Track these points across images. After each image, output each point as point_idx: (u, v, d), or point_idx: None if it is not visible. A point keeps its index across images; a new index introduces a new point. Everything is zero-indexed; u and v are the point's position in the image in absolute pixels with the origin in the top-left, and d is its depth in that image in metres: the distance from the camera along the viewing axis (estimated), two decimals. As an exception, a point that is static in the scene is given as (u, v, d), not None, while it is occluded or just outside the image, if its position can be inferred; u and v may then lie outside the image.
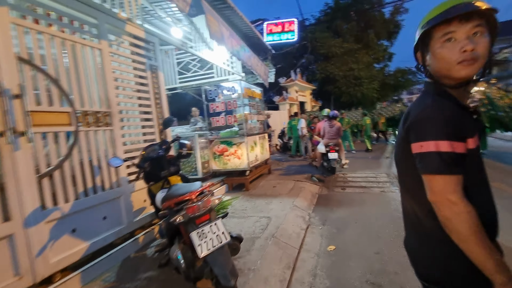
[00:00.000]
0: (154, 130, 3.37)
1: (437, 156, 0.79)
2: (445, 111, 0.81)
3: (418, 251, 0.96)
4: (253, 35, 6.24)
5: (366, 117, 10.90)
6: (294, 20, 10.30)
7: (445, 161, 0.78)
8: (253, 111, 6.04)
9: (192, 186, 2.03)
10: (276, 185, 5.50)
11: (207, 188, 2.01)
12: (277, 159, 9.50)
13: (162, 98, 3.53)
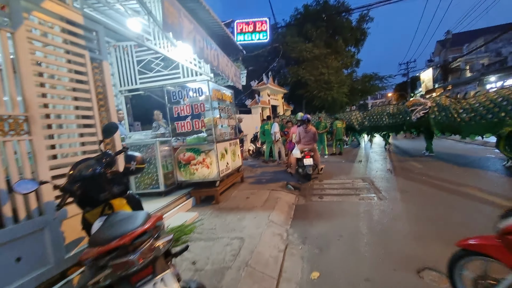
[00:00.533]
0: (97, 139, 2.71)
1: None
2: None
3: None
4: (222, 33, 5.76)
5: (337, 121, 10.92)
6: (266, 19, 9.99)
7: None
8: (224, 115, 5.53)
9: (133, 221, 1.46)
10: (250, 195, 5.02)
11: (151, 225, 1.44)
12: (250, 165, 9.05)
13: (108, 99, 2.89)
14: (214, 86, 5.12)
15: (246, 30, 10.01)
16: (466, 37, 24.01)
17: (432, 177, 5.77)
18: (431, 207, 3.96)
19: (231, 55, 7.25)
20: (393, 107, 10.00)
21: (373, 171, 6.89)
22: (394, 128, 9.92)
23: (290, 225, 3.71)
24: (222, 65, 4.95)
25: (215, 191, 4.66)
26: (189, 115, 4.83)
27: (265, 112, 14.32)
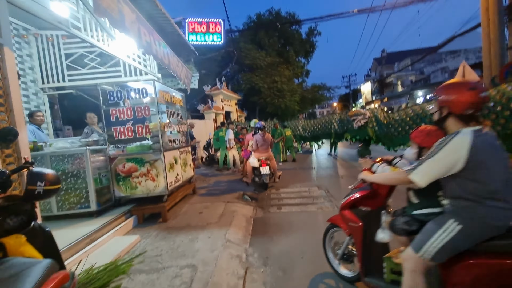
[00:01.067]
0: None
1: None
2: None
3: None
4: (172, 29, 5.20)
5: (287, 128, 11.09)
6: (220, 21, 9.60)
7: None
8: (173, 120, 4.96)
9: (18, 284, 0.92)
10: (203, 210, 4.52)
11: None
12: (203, 173, 8.47)
13: (11, 96, 2.16)
14: (162, 88, 4.53)
15: (198, 30, 9.45)
16: (397, 56, 27.46)
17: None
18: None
19: (182, 56, 6.68)
20: (338, 116, 10.68)
21: (327, 178, 7.01)
22: (339, 135, 10.54)
23: (249, 243, 3.34)
24: (173, 64, 4.40)
25: (162, 208, 4.04)
26: (130, 120, 4.13)
27: (218, 118, 13.85)
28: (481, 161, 1.36)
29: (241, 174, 7.65)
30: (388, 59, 28.50)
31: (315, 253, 2.94)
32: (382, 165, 1.99)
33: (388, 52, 28.10)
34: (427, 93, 16.32)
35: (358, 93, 35.88)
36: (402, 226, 1.75)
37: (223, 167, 8.95)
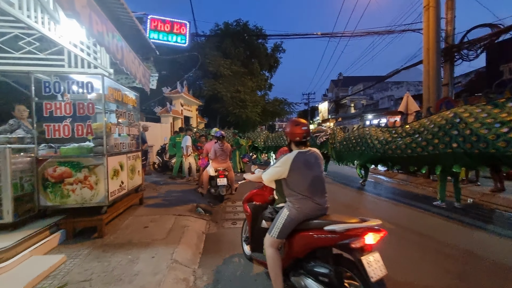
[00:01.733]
0: None
1: None
2: None
3: None
4: (130, 22, 4.74)
5: (242, 139, 11.08)
6: (186, 23, 9.20)
7: None
8: (123, 121, 4.45)
9: None
10: (149, 223, 4.06)
11: None
12: (154, 181, 7.82)
13: None
14: (112, 84, 4.05)
15: (161, 29, 8.90)
16: (352, 80, 29.95)
17: (329, 199, 6.26)
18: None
19: (140, 53, 6.17)
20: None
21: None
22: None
23: (199, 263, 3.04)
24: (128, 60, 3.97)
25: (99, 221, 3.50)
26: (69, 117, 3.56)
27: (176, 123, 13.16)
28: (297, 170, 2.12)
29: (196, 184, 7.25)
30: (343, 82, 30.94)
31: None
32: (258, 169, 2.86)
33: (344, 76, 30.51)
34: (376, 117, 18.02)
35: (316, 110, 37.97)
36: (268, 215, 2.41)
37: (177, 175, 8.42)
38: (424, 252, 3.33)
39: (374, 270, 1.75)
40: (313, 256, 2.09)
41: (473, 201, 5.95)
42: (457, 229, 4.25)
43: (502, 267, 2.94)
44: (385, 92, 25.28)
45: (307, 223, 2.10)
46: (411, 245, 3.59)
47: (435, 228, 4.27)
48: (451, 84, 8.97)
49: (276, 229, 2.13)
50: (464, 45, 8.77)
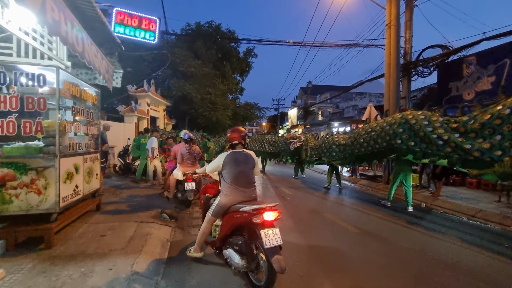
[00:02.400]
0: None
1: None
2: None
3: None
4: (92, 12, 4.38)
5: (210, 142, 10.90)
6: (156, 19, 8.74)
7: None
8: (81, 119, 4.07)
9: None
10: (107, 232, 3.73)
11: None
12: (115, 185, 7.28)
13: None
14: (69, 78, 3.68)
15: (128, 23, 8.34)
16: (320, 89, 31.22)
17: (296, 204, 6.39)
18: (306, 238, 4.14)
19: (103, 47, 5.74)
20: (271, 137, 11.57)
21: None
22: (274, 155, 11.47)
23: (162, 274, 2.84)
24: (90, 53, 3.64)
25: (47, 230, 3.12)
26: (14, 112, 3.14)
27: (142, 123, 12.48)
28: (228, 165, 2.77)
29: (161, 188, 6.90)
30: (312, 90, 32.14)
31: (238, 285, 2.68)
32: (207, 164, 3.37)
33: (313, 84, 31.71)
34: (342, 125, 18.97)
35: (285, 116, 38.84)
36: (211, 202, 3.02)
37: (140, 178, 7.94)
38: (381, 254, 3.51)
39: (270, 240, 2.35)
40: (237, 234, 2.72)
41: (425, 205, 6.47)
42: (407, 231, 4.56)
43: (443, 262, 3.20)
44: (350, 102, 26.77)
45: (233, 206, 2.71)
46: (368, 247, 3.76)
47: (390, 230, 4.55)
48: (408, 97, 9.75)
49: (212, 210, 2.87)
50: (420, 63, 9.62)
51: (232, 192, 2.73)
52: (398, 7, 8.81)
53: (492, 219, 5.18)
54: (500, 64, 8.15)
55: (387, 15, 9.00)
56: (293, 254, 3.43)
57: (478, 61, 8.72)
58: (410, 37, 9.48)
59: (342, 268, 3.10)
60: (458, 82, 9.29)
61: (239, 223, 2.61)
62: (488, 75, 8.42)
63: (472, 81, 8.86)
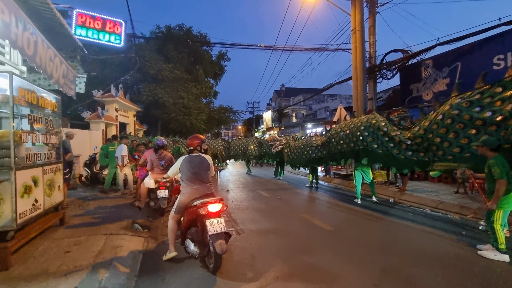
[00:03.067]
0: None
1: None
2: None
3: None
4: (50, 15, 4.10)
5: (183, 147, 10.71)
6: (122, 22, 8.34)
7: None
8: (40, 128, 3.77)
9: None
10: (72, 247, 3.49)
11: None
12: (81, 197, 6.83)
13: None
14: (24, 84, 3.40)
15: (91, 26, 7.87)
16: (293, 91, 31.93)
17: (276, 206, 6.46)
18: (282, 237, 4.19)
19: (64, 50, 5.39)
20: (256, 139, 12.21)
21: (229, 201, 6.91)
22: (258, 157, 12.05)
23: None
24: (44, 57, 3.39)
25: (3, 249, 2.84)
26: (-42, 122, 2.84)
27: (110, 130, 11.86)
28: (184, 167, 3.16)
29: (133, 198, 6.60)
30: (286, 93, 32.79)
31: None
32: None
33: (286, 87, 32.36)
34: (315, 126, 19.54)
35: (261, 119, 39.12)
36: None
37: (110, 188, 7.53)
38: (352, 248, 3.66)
39: (214, 227, 2.82)
40: (194, 225, 3.12)
41: (394, 200, 6.86)
42: (378, 225, 4.81)
43: (410, 252, 3.42)
44: (322, 104, 27.67)
45: (190, 203, 3.11)
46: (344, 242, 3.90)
47: (362, 226, 4.77)
48: (374, 99, 10.32)
49: (174, 208, 3.24)
50: (383, 66, 10.23)
51: (188, 190, 3.14)
52: (362, 13, 9.32)
53: (452, 209, 5.63)
54: (453, 67, 8.92)
55: (352, 21, 9.48)
56: (269, 257, 3.45)
57: (434, 64, 9.48)
58: (374, 42, 10.06)
59: (317, 266, 3.18)
60: (418, 84, 10.01)
61: (192, 216, 3.03)
62: (443, 77, 9.19)
63: (430, 82, 9.60)
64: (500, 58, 7.70)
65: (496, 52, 7.80)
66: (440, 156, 4.43)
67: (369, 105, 9.77)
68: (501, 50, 7.70)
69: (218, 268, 2.90)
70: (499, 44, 7.80)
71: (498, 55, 7.74)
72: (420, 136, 4.78)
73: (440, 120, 4.30)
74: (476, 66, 8.09)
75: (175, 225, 3.26)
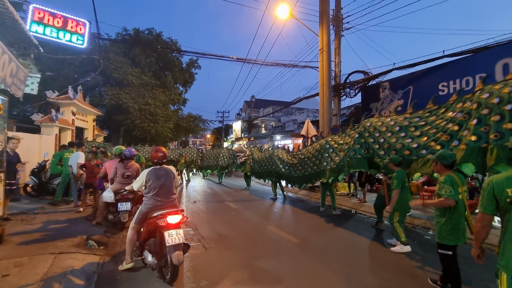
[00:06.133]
0: None
1: None
2: None
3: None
4: (1, 8, 3.68)
5: (142, 156, 10.29)
6: (86, 22, 7.78)
7: None
8: (-22, 132, 3.31)
9: None
10: (12, 269, 3.05)
11: None
12: (26, 209, 6.08)
13: None
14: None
15: (50, 23, 7.18)
16: (263, 103, 32.56)
17: (243, 218, 6.39)
18: (247, 250, 4.13)
19: (15, 47, 4.86)
20: (226, 150, 13.03)
21: (196, 213, 6.68)
22: (226, 168, 12.70)
23: (85, 316, 2.43)
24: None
25: None
26: None
27: (64, 135, 10.84)
28: (149, 179, 3.16)
29: (91, 213, 6.03)
30: (256, 104, 33.29)
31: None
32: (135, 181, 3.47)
33: (256, 98, 32.89)
34: (283, 138, 20.04)
35: (230, 128, 39.00)
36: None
37: (61, 200, 6.81)
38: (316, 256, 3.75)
39: (172, 239, 2.84)
40: (153, 237, 3.10)
41: (355, 211, 7.22)
42: (341, 235, 5.01)
43: (369, 259, 3.60)
44: (291, 116, 28.55)
45: (150, 213, 3.11)
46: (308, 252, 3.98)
47: (326, 237, 4.92)
48: (339, 114, 10.94)
49: (135, 218, 3.26)
50: (347, 85, 10.96)
51: (150, 201, 3.16)
52: (328, 35, 9.95)
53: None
54: (406, 90, 9.87)
55: (320, 41, 10.06)
56: (231, 269, 3.37)
57: (391, 86, 10.41)
58: (339, 62, 10.76)
59: (283, 280, 3.18)
60: (377, 103, 10.87)
61: (151, 227, 3.05)
62: (398, 98, 10.10)
63: (387, 102, 10.48)
64: (444, 85, 8.75)
65: (441, 79, 8.85)
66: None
67: (334, 120, 10.32)
68: (445, 78, 8.76)
69: (175, 278, 2.91)
70: (442, 73, 8.88)
71: (442, 82, 8.79)
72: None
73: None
74: (425, 91, 9.07)
75: (135, 236, 3.27)
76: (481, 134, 3.30)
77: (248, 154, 10.73)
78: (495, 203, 1.75)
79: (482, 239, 1.87)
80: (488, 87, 3.39)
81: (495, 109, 3.17)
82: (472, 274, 3.31)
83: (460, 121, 3.67)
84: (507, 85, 3.19)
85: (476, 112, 3.41)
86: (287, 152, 9.06)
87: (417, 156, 4.24)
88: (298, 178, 7.94)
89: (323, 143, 6.87)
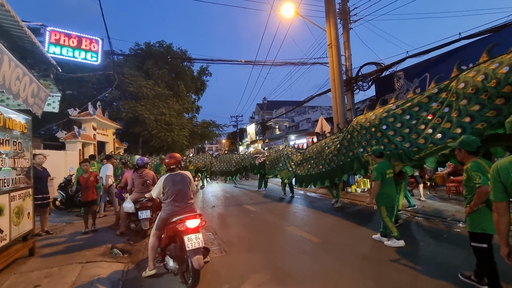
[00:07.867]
0: None
1: None
2: None
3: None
4: (19, 32, 3.91)
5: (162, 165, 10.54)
6: (98, 39, 8.16)
7: None
8: (6, 151, 3.52)
9: None
10: (43, 280, 3.19)
11: None
12: (55, 222, 6.38)
13: None
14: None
15: (66, 43, 7.62)
16: (275, 104, 32.47)
17: (262, 220, 6.35)
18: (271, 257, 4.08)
19: (36, 69, 5.16)
20: (237, 156, 13.91)
21: (215, 218, 6.72)
22: (239, 170, 13.41)
23: (111, 322, 2.49)
24: (8, 76, 3.21)
25: (-40, 290, 2.54)
26: None
27: (87, 149, 11.35)
28: (167, 185, 3.20)
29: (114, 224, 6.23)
30: (268, 106, 33.27)
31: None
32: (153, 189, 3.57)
33: (268, 100, 32.89)
34: (298, 138, 19.86)
35: (244, 132, 39.18)
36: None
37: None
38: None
39: (192, 243, 2.85)
40: (173, 242, 3.11)
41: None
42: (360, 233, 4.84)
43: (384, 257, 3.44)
44: (304, 115, 28.27)
45: (170, 219, 3.15)
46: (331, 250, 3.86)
47: (346, 235, 4.76)
48: (353, 109, 10.65)
49: (155, 225, 3.31)
50: (359, 78, 10.66)
51: (169, 207, 3.19)
52: (336, 29, 9.76)
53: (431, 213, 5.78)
54: (422, 78, 9.45)
55: (327, 36, 9.88)
56: (259, 274, 3.33)
57: (406, 76, 10.01)
58: (349, 56, 10.51)
59: (306, 281, 3.10)
60: (392, 94, 10.48)
61: (171, 232, 3.08)
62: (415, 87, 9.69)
63: (402, 92, 10.08)
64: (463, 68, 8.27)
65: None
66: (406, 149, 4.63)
67: (348, 115, 10.07)
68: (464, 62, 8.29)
69: (197, 283, 2.90)
70: (460, 56, 8.41)
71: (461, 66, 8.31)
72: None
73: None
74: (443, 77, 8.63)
75: (156, 242, 3.30)
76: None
77: (267, 155, 11.02)
78: (503, 189, 1.63)
79: (504, 232, 1.69)
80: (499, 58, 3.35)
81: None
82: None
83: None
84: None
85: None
86: (297, 150, 9.43)
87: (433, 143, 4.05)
88: (315, 176, 7.60)
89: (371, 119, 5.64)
